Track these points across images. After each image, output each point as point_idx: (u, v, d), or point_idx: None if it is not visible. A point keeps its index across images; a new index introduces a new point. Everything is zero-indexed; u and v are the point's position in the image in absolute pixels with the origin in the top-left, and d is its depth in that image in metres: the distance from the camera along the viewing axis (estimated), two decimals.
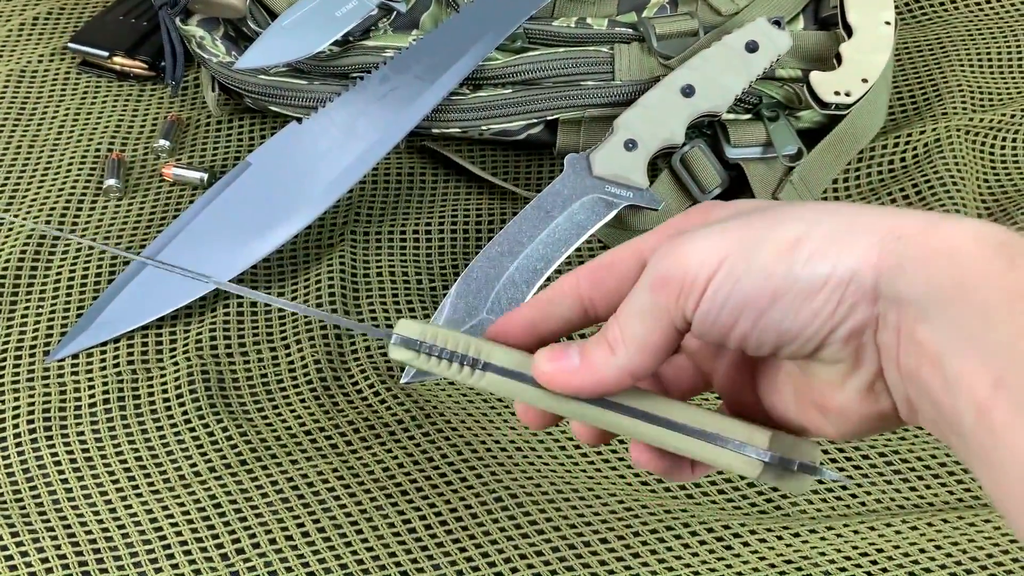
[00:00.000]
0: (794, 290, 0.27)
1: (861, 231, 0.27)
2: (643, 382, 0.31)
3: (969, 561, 0.42)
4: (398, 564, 0.42)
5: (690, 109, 0.53)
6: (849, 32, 0.56)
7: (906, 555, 0.43)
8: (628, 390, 0.31)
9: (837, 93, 0.54)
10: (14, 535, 0.43)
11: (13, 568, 0.42)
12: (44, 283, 0.53)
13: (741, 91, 0.54)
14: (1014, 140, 0.58)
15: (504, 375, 0.31)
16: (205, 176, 0.57)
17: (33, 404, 0.48)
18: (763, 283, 0.27)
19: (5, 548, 0.43)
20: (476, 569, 0.43)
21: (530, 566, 0.43)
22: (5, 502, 0.44)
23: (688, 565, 0.43)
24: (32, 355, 0.50)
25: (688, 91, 0.53)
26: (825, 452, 0.46)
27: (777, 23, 0.55)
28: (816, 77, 0.54)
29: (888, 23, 0.56)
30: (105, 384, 0.49)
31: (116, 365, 0.50)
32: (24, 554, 0.43)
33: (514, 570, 0.42)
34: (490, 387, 0.32)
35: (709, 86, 0.53)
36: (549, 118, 0.56)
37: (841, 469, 0.46)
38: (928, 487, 0.45)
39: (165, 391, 0.48)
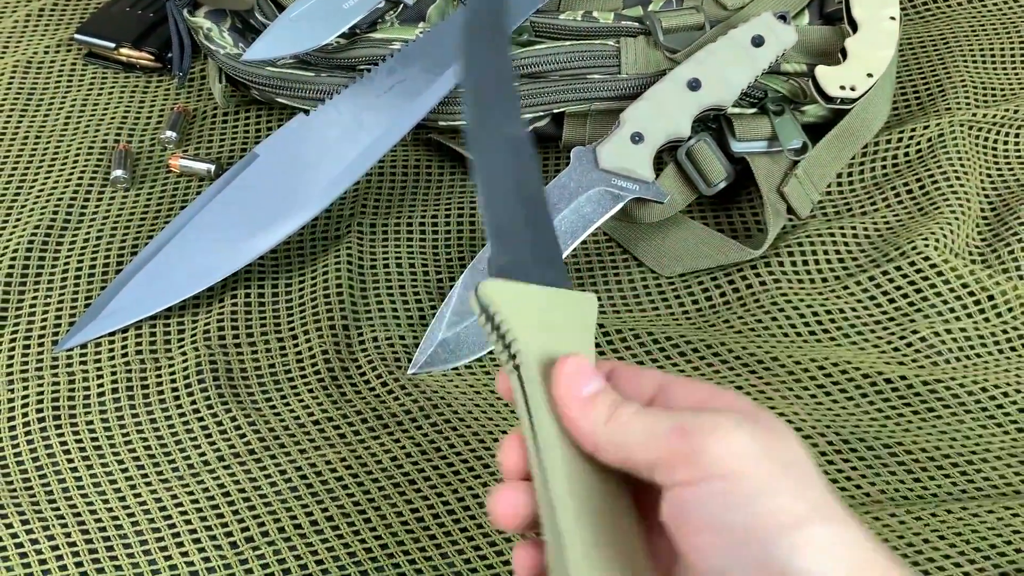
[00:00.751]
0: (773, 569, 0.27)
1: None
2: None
3: (973, 552, 0.43)
4: (406, 553, 0.43)
5: (696, 103, 0.53)
6: (854, 27, 0.56)
7: (910, 545, 0.43)
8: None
9: (842, 87, 0.54)
10: (24, 523, 0.43)
11: (24, 555, 0.43)
12: (52, 273, 0.53)
13: (747, 85, 0.54)
14: (1017, 135, 0.58)
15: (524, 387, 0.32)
16: (212, 167, 0.57)
17: (42, 393, 0.48)
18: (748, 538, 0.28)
19: (16, 536, 0.43)
20: (484, 558, 0.43)
21: None
22: (15, 490, 0.45)
23: None
24: (41, 345, 0.50)
25: (694, 85, 0.53)
26: (830, 444, 0.46)
27: (783, 18, 0.55)
28: (822, 71, 0.54)
29: (892, 18, 0.56)
30: (114, 373, 0.49)
31: (124, 355, 0.50)
32: (35, 541, 0.43)
33: None
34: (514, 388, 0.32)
35: (715, 80, 0.54)
36: (555, 111, 0.56)
37: (846, 460, 0.46)
38: (932, 478, 0.46)
39: (173, 381, 0.48)
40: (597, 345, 0.51)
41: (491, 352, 0.50)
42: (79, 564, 0.42)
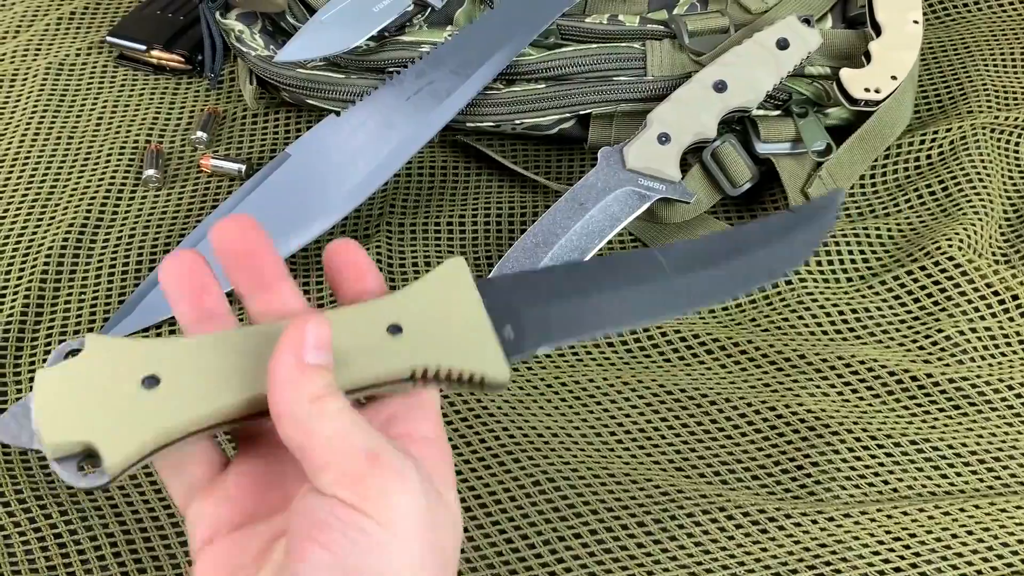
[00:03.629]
0: None
1: None
2: None
3: (1000, 547, 0.43)
4: None
5: (722, 104, 0.54)
6: (878, 30, 0.57)
7: (938, 540, 0.43)
8: None
9: (867, 90, 0.54)
10: (63, 514, 0.44)
11: (63, 547, 0.43)
12: (86, 271, 0.54)
13: (772, 87, 0.55)
14: None
15: None
16: (243, 168, 0.58)
17: None
18: None
19: (55, 527, 0.44)
20: (516, 551, 0.43)
21: (568, 548, 0.43)
22: (54, 482, 0.45)
23: (724, 548, 0.43)
24: None
25: (720, 87, 0.54)
26: (857, 440, 0.47)
27: (807, 21, 0.56)
28: (846, 74, 0.55)
29: (916, 22, 0.57)
30: None
31: None
32: (73, 532, 0.44)
33: (553, 551, 0.43)
34: None
35: (741, 82, 0.54)
36: (581, 113, 0.57)
37: (873, 456, 0.46)
38: (959, 474, 0.46)
39: None
40: (624, 342, 0.51)
41: None
42: (117, 555, 0.43)
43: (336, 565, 0.28)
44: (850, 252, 0.54)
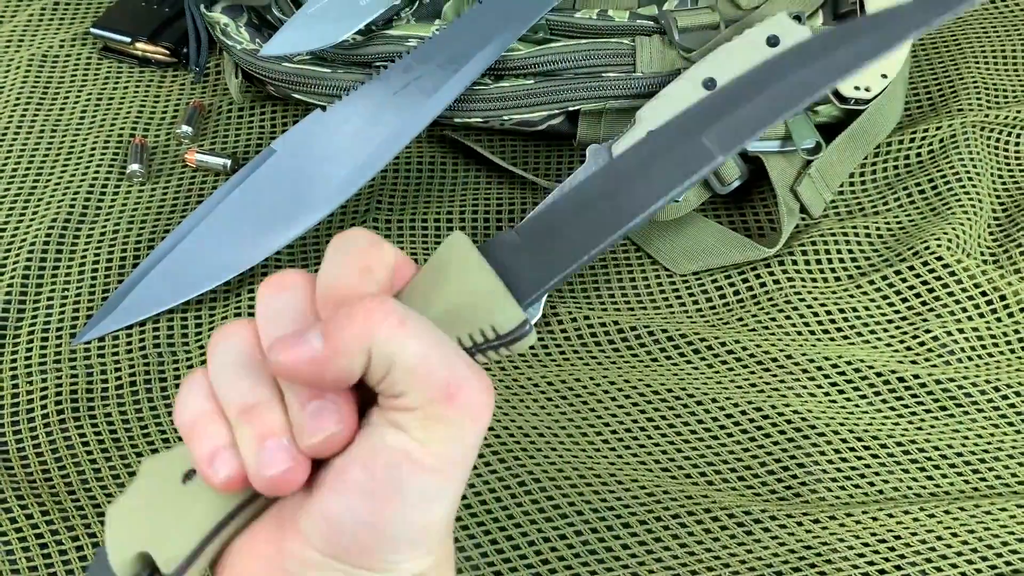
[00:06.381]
0: None
1: None
2: None
3: (985, 549, 0.43)
4: None
5: None
6: None
7: (923, 542, 0.43)
8: None
9: (857, 88, 0.54)
10: (45, 514, 0.44)
11: (44, 547, 0.43)
12: (69, 266, 0.53)
13: None
14: None
15: None
16: (228, 162, 0.58)
17: (61, 386, 0.48)
18: None
19: (36, 527, 0.43)
20: (501, 551, 0.43)
21: (553, 549, 0.43)
22: (35, 482, 0.45)
23: (709, 550, 0.43)
24: (59, 338, 0.51)
25: (710, 84, 0.54)
26: (843, 442, 0.47)
27: (797, 18, 0.55)
28: None
29: None
30: (131, 366, 0.49)
31: (142, 348, 0.50)
32: (55, 532, 0.43)
33: (538, 552, 0.43)
34: None
35: (730, 79, 0.54)
36: (570, 109, 0.57)
37: (859, 458, 0.46)
38: (944, 475, 0.46)
39: None
40: (611, 342, 0.51)
41: None
42: None
43: (366, 489, 0.27)
44: (838, 251, 0.54)
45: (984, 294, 0.52)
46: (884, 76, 0.55)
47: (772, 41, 0.54)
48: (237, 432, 0.29)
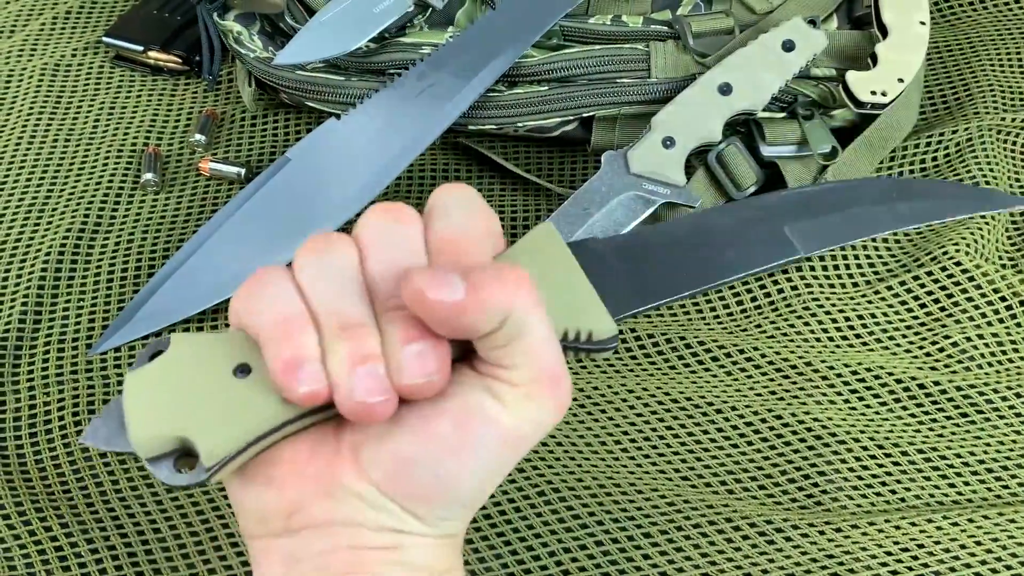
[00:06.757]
0: None
1: None
2: None
3: (1009, 557, 0.43)
4: None
5: (727, 107, 0.54)
6: (884, 32, 0.56)
7: (946, 551, 0.43)
8: None
9: (874, 93, 0.54)
10: (64, 526, 0.44)
11: (63, 559, 0.43)
12: (85, 276, 0.53)
13: (777, 89, 0.54)
14: None
15: None
16: (242, 171, 0.58)
17: (77, 397, 0.48)
18: None
19: (55, 539, 0.43)
20: (521, 563, 0.43)
21: (574, 559, 0.43)
22: (54, 493, 0.45)
23: (730, 559, 0.43)
24: (75, 348, 0.50)
25: (725, 89, 0.54)
26: (864, 449, 0.46)
27: (812, 23, 0.55)
28: (853, 77, 0.54)
29: (923, 23, 0.56)
30: None
31: None
32: (74, 545, 0.43)
33: (559, 563, 0.43)
34: None
35: (746, 84, 0.54)
36: (585, 115, 0.57)
37: (880, 466, 0.46)
38: (967, 483, 0.46)
39: None
40: (628, 349, 0.51)
41: None
42: (119, 568, 0.43)
43: (449, 444, 0.28)
44: (856, 258, 0.54)
45: (1003, 299, 0.51)
46: (901, 80, 0.55)
47: (787, 46, 0.54)
48: (331, 347, 0.27)
